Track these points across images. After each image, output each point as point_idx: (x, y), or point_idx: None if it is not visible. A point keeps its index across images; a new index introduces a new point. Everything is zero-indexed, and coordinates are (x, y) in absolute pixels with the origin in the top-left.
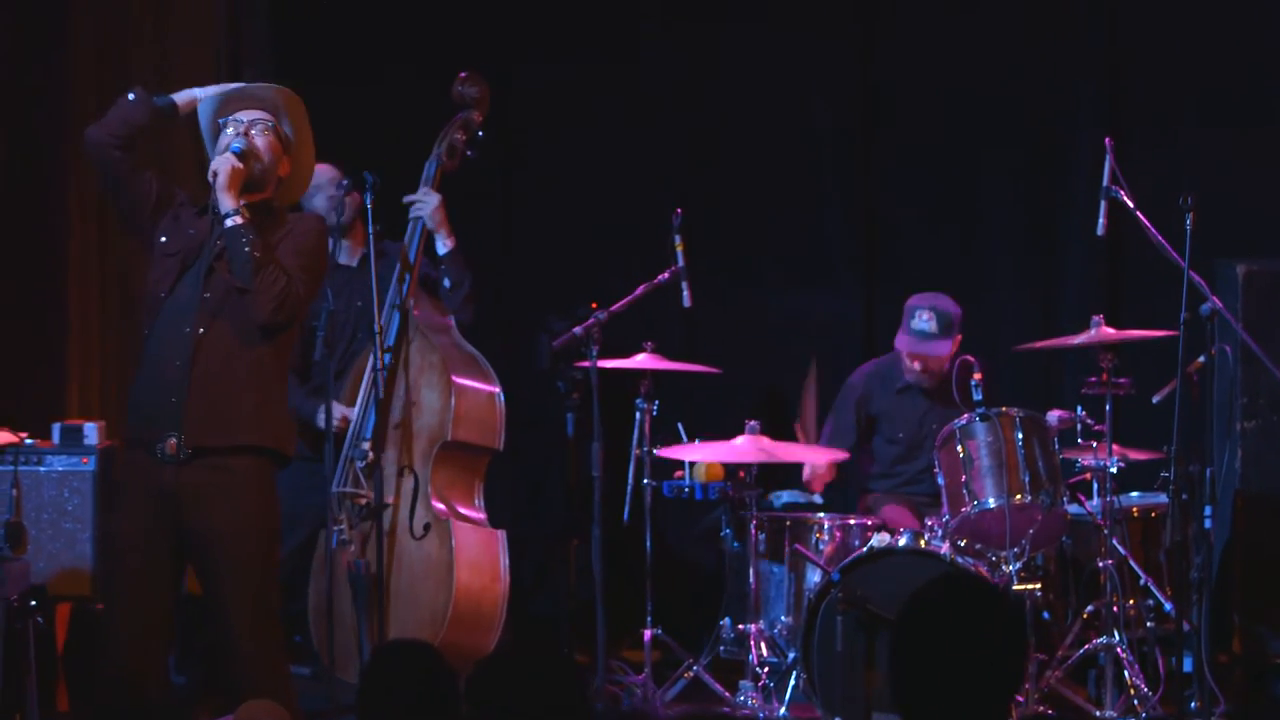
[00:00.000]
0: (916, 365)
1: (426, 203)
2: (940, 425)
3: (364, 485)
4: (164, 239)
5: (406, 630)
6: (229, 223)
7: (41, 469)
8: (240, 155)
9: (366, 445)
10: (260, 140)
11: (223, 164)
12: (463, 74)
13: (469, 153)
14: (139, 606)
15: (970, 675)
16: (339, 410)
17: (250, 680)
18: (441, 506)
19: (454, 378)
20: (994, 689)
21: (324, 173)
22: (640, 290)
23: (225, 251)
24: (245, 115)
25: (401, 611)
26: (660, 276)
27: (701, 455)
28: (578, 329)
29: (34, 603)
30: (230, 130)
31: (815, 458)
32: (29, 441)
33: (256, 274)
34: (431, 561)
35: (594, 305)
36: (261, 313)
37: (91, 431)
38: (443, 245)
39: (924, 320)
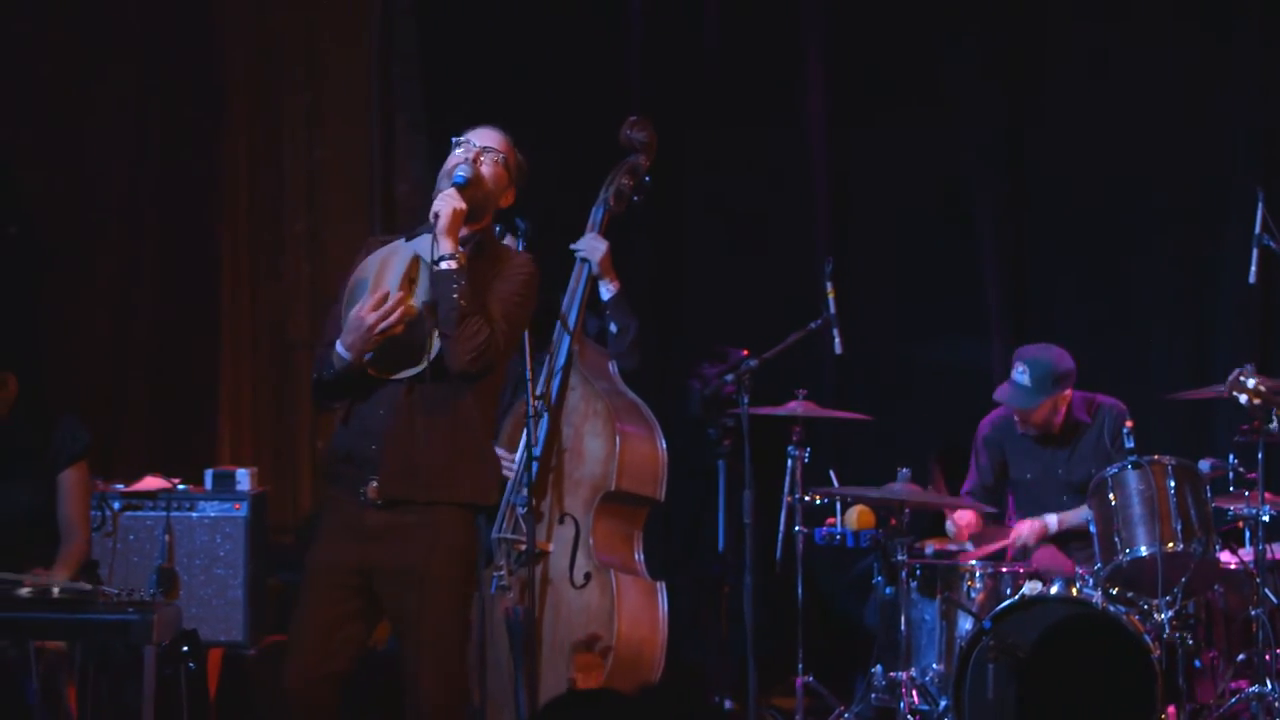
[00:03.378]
0: (1015, 416)
1: (596, 248)
2: (1066, 468)
3: (524, 531)
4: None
5: (556, 672)
6: (442, 266)
7: (194, 515)
8: (463, 187)
9: (527, 492)
10: (487, 169)
11: (445, 205)
12: (632, 118)
13: (635, 198)
14: (319, 631)
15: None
16: (502, 454)
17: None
18: (604, 556)
19: (619, 426)
20: None
21: None
22: (792, 338)
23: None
24: (478, 139)
25: (559, 660)
26: (811, 324)
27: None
28: (729, 376)
29: (185, 648)
30: (460, 151)
31: (968, 507)
32: (181, 487)
33: (460, 323)
34: (591, 611)
35: (745, 352)
36: (459, 361)
37: (244, 478)
38: (607, 290)
39: (1018, 373)
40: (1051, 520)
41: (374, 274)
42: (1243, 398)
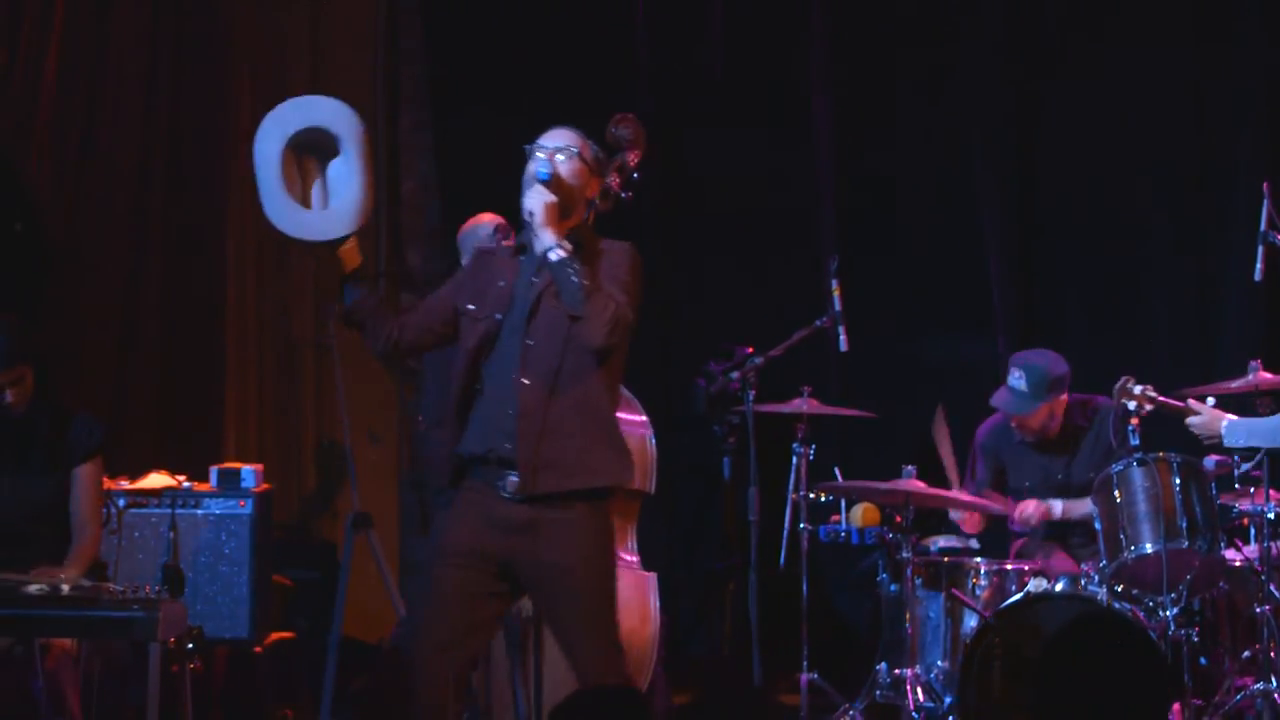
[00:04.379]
0: (1012, 422)
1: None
2: (1065, 473)
3: None
4: (471, 306)
5: (557, 671)
6: (552, 256)
7: (199, 512)
8: (547, 182)
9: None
10: (564, 168)
11: (536, 201)
12: (616, 115)
13: (624, 194)
14: (449, 616)
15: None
16: None
17: None
18: None
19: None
20: None
21: (483, 224)
22: (797, 336)
23: (547, 290)
24: (550, 142)
25: (552, 653)
26: (817, 322)
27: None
28: (735, 374)
29: (191, 646)
30: (538, 156)
31: (980, 503)
32: (186, 485)
33: (587, 300)
34: None
35: (750, 350)
36: (596, 337)
37: (249, 475)
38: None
39: (1014, 378)
40: (1056, 505)
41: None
42: (1130, 404)
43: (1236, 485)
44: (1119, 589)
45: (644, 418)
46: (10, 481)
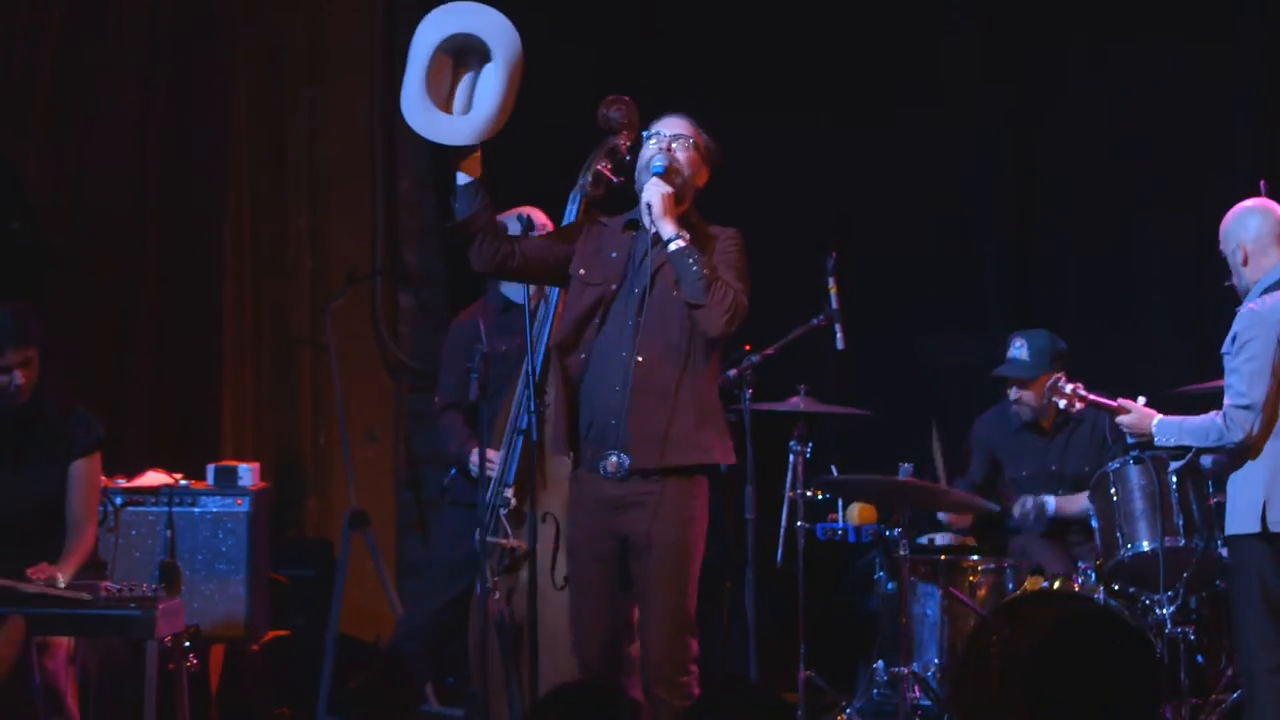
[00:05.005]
0: (1013, 394)
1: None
2: (1060, 462)
3: (508, 532)
4: (582, 271)
5: (554, 672)
6: (672, 246)
7: (196, 510)
8: (663, 175)
9: (509, 492)
10: (681, 155)
11: (654, 193)
12: (610, 96)
13: (615, 179)
14: (601, 610)
15: (1104, 713)
16: (491, 454)
17: (656, 670)
18: None
19: None
20: None
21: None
22: (794, 333)
23: (659, 271)
24: (667, 129)
25: (547, 660)
26: (814, 319)
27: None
28: (731, 372)
29: (188, 644)
30: (652, 144)
31: (967, 501)
32: (184, 483)
33: (708, 290)
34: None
35: (747, 348)
36: (715, 326)
37: (246, 473)
38: None
39: (1016, 349)
40: (1050, 502)
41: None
42: (1062, 402)
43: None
44: (1116, 587)
45: None
46: (10, 475)
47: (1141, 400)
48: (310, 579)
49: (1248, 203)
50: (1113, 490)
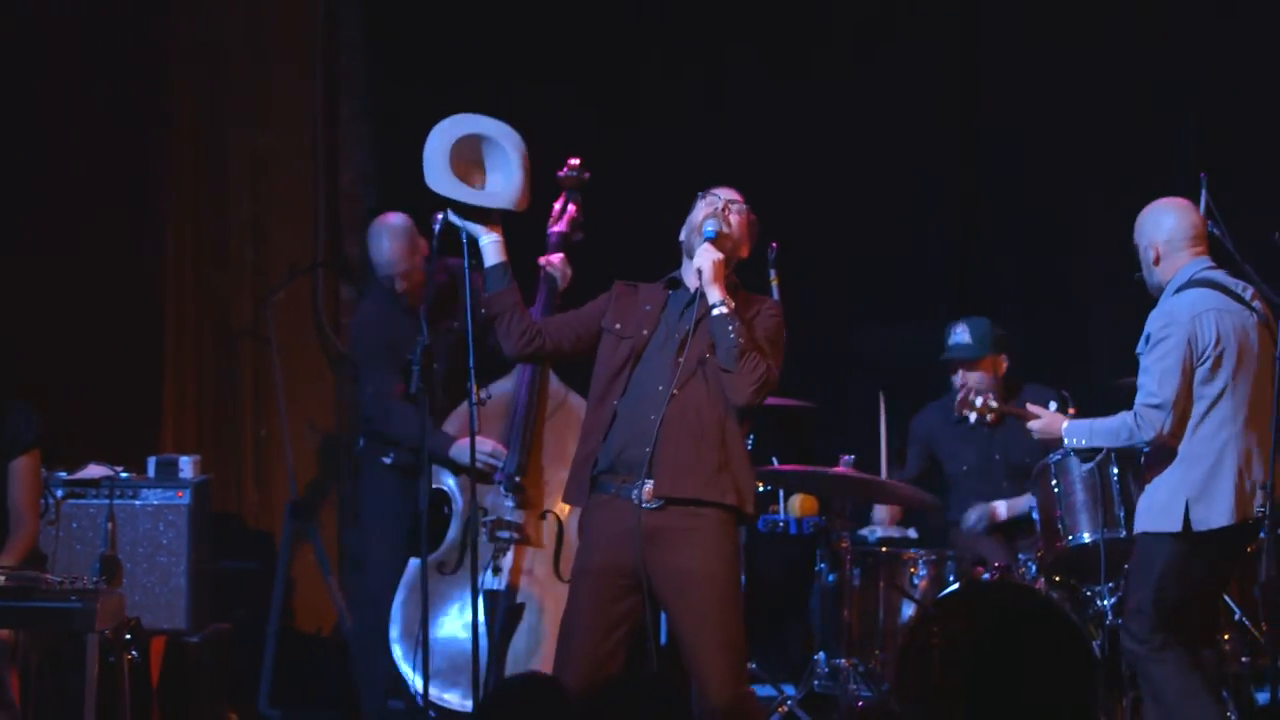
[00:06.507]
0: (957, 378)
1: (565, 274)
2: (1004, 453)
3: (511, 522)
4: (618, 325)
5: (539, 666)
6: (715, 312)
7: (137, 502)
8: (715, 240)
9: (519, 480)
10: (734, 219)
11: (706, 259)
12: (574, 160)
13: (577, 236)
14: (595, 636)
15: (1040, 706)
16: (490, 443)
17: (716, 706)
18: None
19: None
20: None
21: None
22: None
23: (699, 325)
24: (723, 193)
25: (545, 649)
26: None
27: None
28: None
29: (129, 636)
30: (704, 204)
31: (908, 493)
32: (124, 475)
33: (741, 359)
34: None
35: None
36: (743, 395)
37: (186, 465)
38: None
39: (958, 333)
40: (1001, 507)
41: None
42: (973, 416)
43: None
44: (1057, 578)
45: None
46: None
47: (1053, 405)
48: (251, 571)
49: (1163, 201)
50: (1054, 482)
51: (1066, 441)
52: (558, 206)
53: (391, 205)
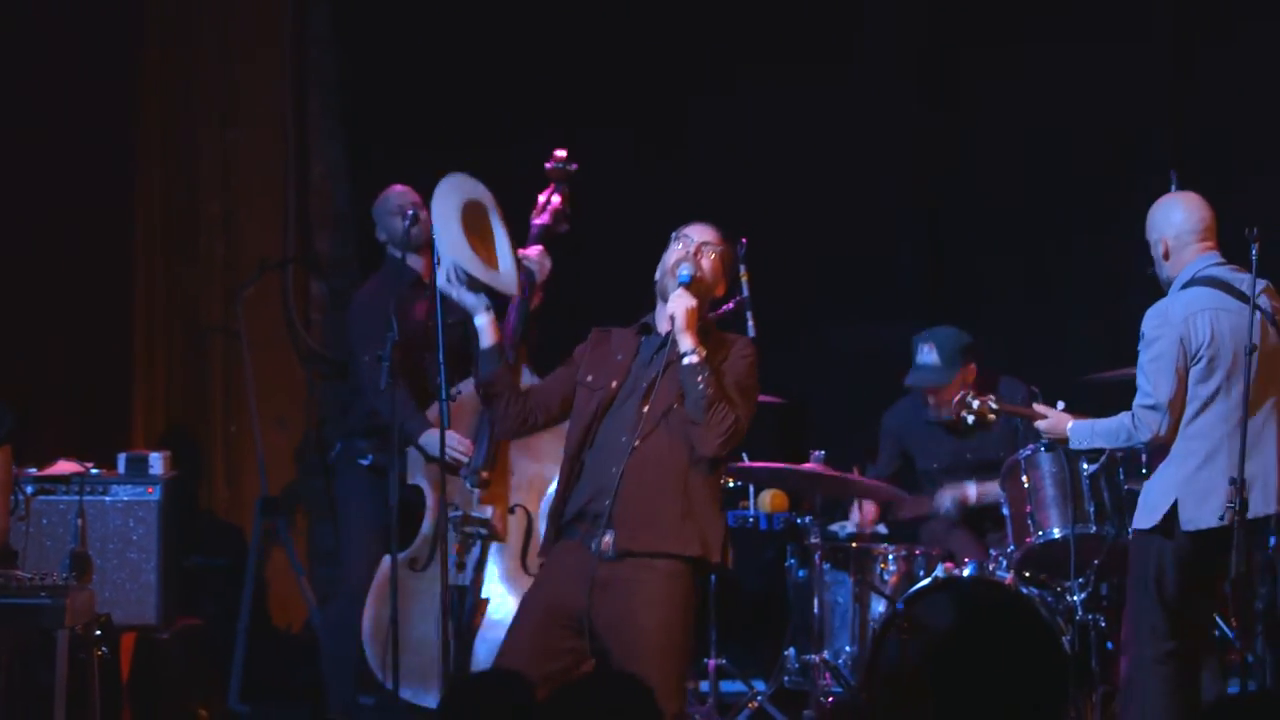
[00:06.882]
0: (930, 399)
1: (544, 265)
2: (975, 451)
3: (477, 518)
4: (589, 378)
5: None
6: (686, 361)
7: (107, 499)
8: (689, 285)
9: (486, 475)
10: (706, 262)
11: (679, 306)
12: (560, 151)
13: (563, 228)
14: (529, 660)
15: (1010, 702)
16: (456, 437)
17: None
18: None
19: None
20: (1035, 716)
21: (400, 195)
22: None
23: (666, 371)
24: (695, 234)
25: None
26: (725, 307)
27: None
28: None
29: (99, 632)
30: (679, 247)
31: (879, 489)
32: (94, 471)
33: (709, 410)
34: None
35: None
36: (710, 447)
37: (156, 461)
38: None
39: (925, 354)
40: (971, 489)
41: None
42: (971, 418)
43: (1145, 470)
44: (1027, 574)
45: None
46: None
47: (1060, 405)
48: (222, 567)
49: (1175, 195)
50: (1024, 477)
51: (1071, 442)
52: (542, 198)
53: (362, 199)
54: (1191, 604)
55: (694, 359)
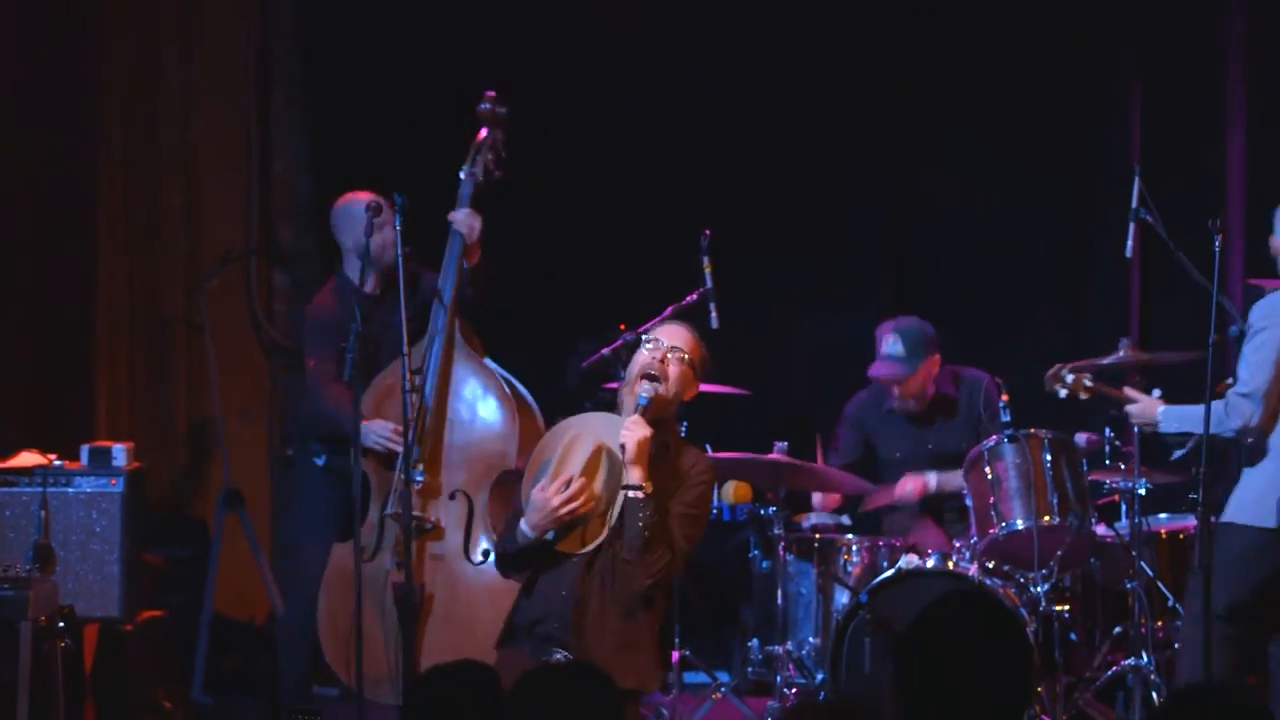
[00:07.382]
0: (895, 391)
1: (472, 225)
2: (937, 442)
3: (419, 508)
4: None
5: (458, 654)
6: (629, 494)
7: (70, 490)
8: (645, 409)
9: (421, 467)
10: (673, 369)
11: (630, 437)
12: (490, 93)
13: (498, 174)
14: None
15: (974, 693)
16: (387, 425)
17: None
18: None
19: (515, 405)
20: (999, 708)
21: (359, 201)
22: (668, 312)
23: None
24: (665, 338)
25: (451, 636)
26: (688, 298)
27: None
28: (606, 350)
29: (62, 624)
30: (648, 349)
31: (843, 479)
32: (57, 463)
33: (644, 550)
34: (495, 588)
35: (622, 326)
36: (638, 584)
37: (120, 453)
38: (465, 264)
39: (890, 345)
40: (931, 479)
41: (559, 455)
42: (1063, 392)
43: (1108, 462)
44: (990, 565)
45: (534, 404)
46: None
47: (1156, 393)
48: (185, 559)
49: None
50: (987, 469)
51: (1160, 425)
52: (477, 140)
53: (325, 192)
54: (1270, 599)
55: (638, 495)
